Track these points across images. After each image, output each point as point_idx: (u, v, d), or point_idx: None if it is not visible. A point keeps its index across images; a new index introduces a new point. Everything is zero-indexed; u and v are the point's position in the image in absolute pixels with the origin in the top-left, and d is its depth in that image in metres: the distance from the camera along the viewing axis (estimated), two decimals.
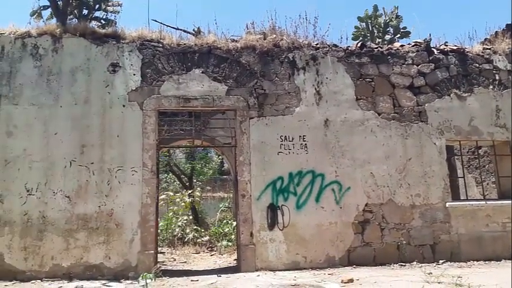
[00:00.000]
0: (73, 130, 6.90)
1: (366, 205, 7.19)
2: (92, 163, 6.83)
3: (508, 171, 7.73)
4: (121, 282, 6.14)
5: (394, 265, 6.85)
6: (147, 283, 4.38)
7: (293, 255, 6.87)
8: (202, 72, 7.35)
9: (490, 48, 8.23)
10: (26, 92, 6.96)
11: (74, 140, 6.87)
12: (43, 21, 10.52)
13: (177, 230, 11.49)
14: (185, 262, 8.85)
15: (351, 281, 5.58)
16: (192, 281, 6.17)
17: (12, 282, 6.19)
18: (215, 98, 7.27)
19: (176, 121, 8.13)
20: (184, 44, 7.50)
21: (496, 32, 9.28)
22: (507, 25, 9.75)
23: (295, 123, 7.33)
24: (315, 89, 7.53)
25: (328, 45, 7.79)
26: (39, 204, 6.64)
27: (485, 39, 9.20)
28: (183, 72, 7.33)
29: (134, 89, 7.13)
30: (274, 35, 7.70)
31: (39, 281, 6.26)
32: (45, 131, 6.87)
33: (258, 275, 6.33)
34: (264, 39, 7.63)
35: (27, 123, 6.86)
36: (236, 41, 7.63)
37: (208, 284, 5.87)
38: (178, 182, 15.78)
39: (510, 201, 7.44)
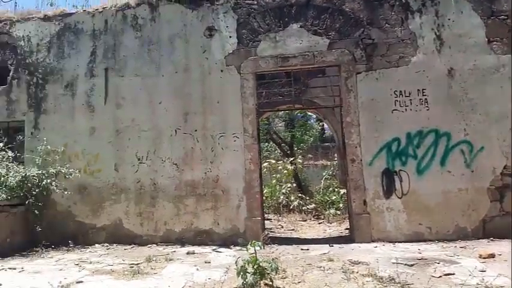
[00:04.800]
0: (176, 99, 6.88)
1: (505, 168, 6.02)
2: (196, 130, 6.77)
3: None
4: (230, 248, 6.08)
5: None
6: (256, 250, 4.13)
7: (415, 225, 6.06)
8: (300, 27, 6.71)
9: None
10: (129, 64, 7.10)
11: (177, 108, 6.86)
12: None
13: (281, 197, 11.28)
14: (293, 230, 8.55)
15: (491, 256, 4.73)
16: (302, 250, 5.81)
17: (131, 246, 6.53)
18: (316, 53, 6.60)
19: (275, 85, 7.68)
20: None
21: None
22: None
23: (411, 75, 6.34)
24: (435, 33, 6.39)
25: None
26: (150, 172, 6.83)
27: None
28: (280, 28, 6.77)
29: (231, 52, 6.82)
30: None
31: (155, 245, 6.50)
32: (150, 101, 6.96)
33: (376, 246, 5.70)
34: None
35: (133, 94, 7.02)
36: None
37: (320, 254, 5.45)
38: (279, 151, 15.54)
39: None
